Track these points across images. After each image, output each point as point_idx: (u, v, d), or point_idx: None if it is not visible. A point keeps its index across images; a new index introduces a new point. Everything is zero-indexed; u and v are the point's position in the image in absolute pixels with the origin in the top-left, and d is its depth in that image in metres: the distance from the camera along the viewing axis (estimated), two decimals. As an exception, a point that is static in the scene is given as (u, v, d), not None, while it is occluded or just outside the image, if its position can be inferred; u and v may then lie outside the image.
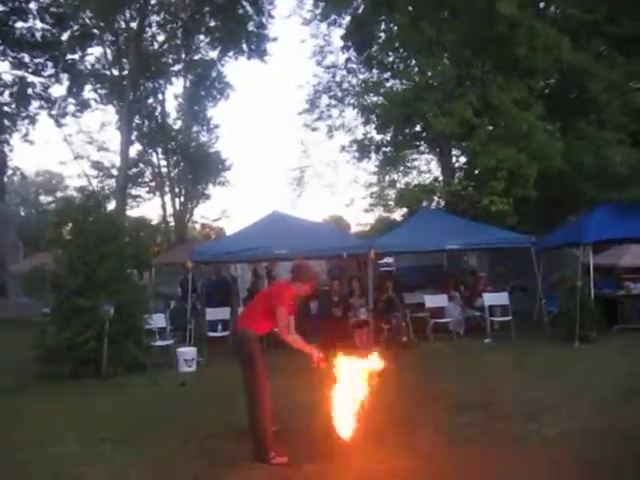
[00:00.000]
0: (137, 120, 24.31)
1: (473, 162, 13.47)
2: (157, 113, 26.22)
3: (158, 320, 9.43)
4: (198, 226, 35.52)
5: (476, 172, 14.09)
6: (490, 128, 13.19)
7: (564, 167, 12.38)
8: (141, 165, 26.58)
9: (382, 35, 15.94)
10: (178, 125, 26.85)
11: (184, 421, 5.49)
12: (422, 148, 17.32)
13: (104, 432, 5.22)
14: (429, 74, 13.64)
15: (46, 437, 5.18)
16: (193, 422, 5.41)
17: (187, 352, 8.41)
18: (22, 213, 43.84)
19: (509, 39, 12.11)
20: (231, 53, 24.49)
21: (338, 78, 16.48)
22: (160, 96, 26.08)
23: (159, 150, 26.31)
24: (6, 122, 22.37)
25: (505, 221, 12.01)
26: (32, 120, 22.86)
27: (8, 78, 21.76)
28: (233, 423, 4.98)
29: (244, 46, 23.54)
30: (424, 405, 5.65)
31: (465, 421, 5.04)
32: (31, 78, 22.12)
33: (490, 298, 10.16)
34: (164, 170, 26.67)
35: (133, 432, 5.24)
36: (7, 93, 21.99)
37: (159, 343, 9.06)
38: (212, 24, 23.68)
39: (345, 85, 16.29)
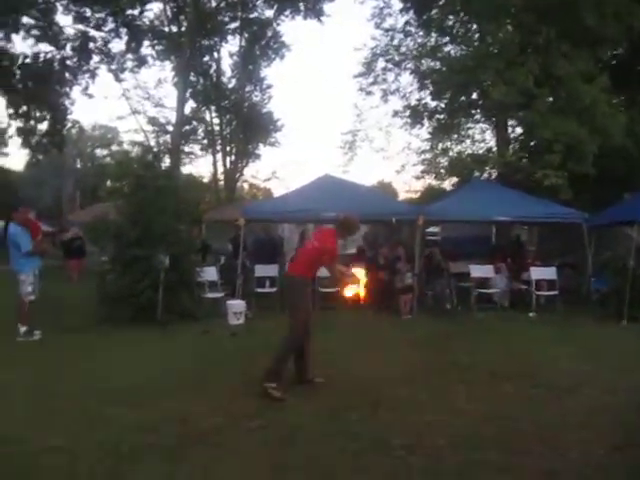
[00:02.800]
0: (192, 78, 24.57)
1: (530, 133, 13.13)
2: (212, 71, 26.41)
3: (209, 273, 9.82)
4: (246, 186, 36.01)
5: (532, 144, 13.76)
6: (550, 99, 12.78)
7: (625, 142, 11.95)
8: (194, 123, 26.98)
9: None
10: (232, 84, 27.03)
11: (235, 367, 5.84)
12: (477, 117, 16.93)
13: (162, 371, 5.63)
14: (490, 40, 13.27)
15: (112, 372, 5.62)
16: (243, 369, 5.74)
17: (236, 305, 8.75)
18: (78, 165, 45.30)
19: (577, 5, 11.59)
20: (287, 12, 24.28)
21: (396, 42, 16.15)
22: (215, 54, 26.24)
23: (212, 108, 26.62)
24: (67, 75, 22.97)
25: (558, 195, 11.76)
26: (92, 74, 23.38)
27: (70, 32, 22.26)
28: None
29: (301, 4, 23.31)
30: (465, 371, 5.78)
31: (508, 390, 5.15)
32: (92, 32, 22.58)
33: (537, 272, 10.10)
34: (217, 128, 27.01)
35: (188, 373, 5.63)
36: (69, 47, 22.54)
37: (210, 295, 9.45)
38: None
39: (403, 49, 15.96)
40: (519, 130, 15.90)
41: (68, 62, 22.67)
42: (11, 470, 3.36)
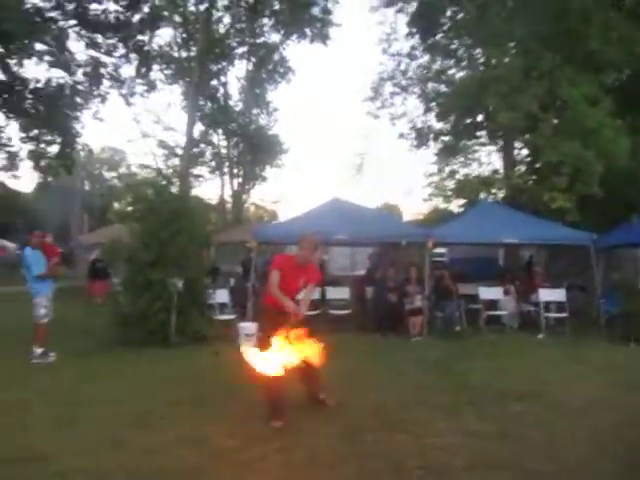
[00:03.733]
0: (200, 101, 24.99)
1: (536, 156, 13.29)
2: (219, 95, 26.86)
3: (220, 296, 9.92)
4: (252, 208, 36.27)
5: (538, 166, 13.91)
6: (553, 121, 12.95)
7: (631, 164, 12.07)
8: (202, 145, 27.36)
9: (448, 22, 15.83)
10: (239, 107, 27.44)
11: (249, 389, 5.87)
12: (483, 140, 17.15)
13: (176, 393, 5.70)
14: (494, 65, 13.50)
15: (126, 394, 5.70)
16: (257, 391, 5.78)
17: (248, 327, 8.79)
18: (87, 187, 45.74)
19: (582, 32, 11.83)
20: (294, 37, 24.78)
21: (403, 66, 16.48)
22: (223, 78, 26.72)
23: (220, 131, 27.00)
24: (78, 100, 23.38)
25: (565, 217, 11.86)
26: (103, 99, 23.78)
27: (82, 58, 22.73)
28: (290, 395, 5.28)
29: (307, 30, 23.80)
30: (476, 392, 5.82)
31: (519, 410, 5.21)
32: (103, 58, 23.04)
33: (546, 294, 10.15)
34: (224, 151, 27.36)
35: (201, 394, 5.70)
36: (80, 72, 22.98)
37: (222, 317, 9.54)
38: (277, 7, 24.01)
39: (409, 74, 16.27)
40: (525, 152, 16.11)
41: (79, 87, 23.11)
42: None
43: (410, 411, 5.13)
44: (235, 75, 32.90)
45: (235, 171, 27.63)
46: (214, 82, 26.45)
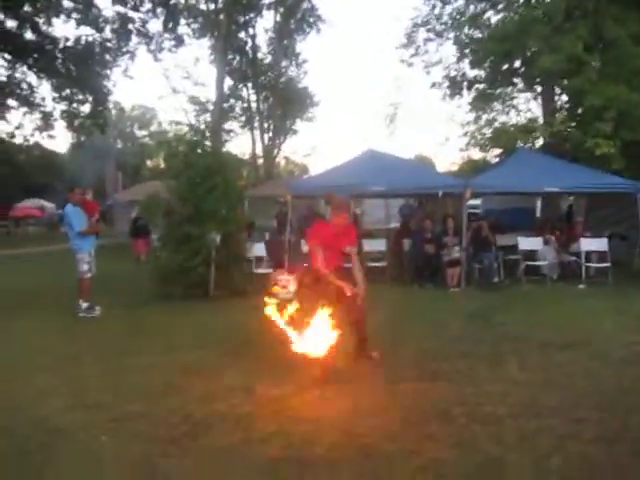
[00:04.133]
0: (229, 55, 24.67)
1: (579, 101, 12.75)
2: (248, 48, 26.45)
3: (257, 249, 10.01)
4: (283, 162, 36.21)
5: (580, 112, 13.37)
6: (597, 63, 12.34)
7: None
8: (232, 100, 27.17)
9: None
10: (268, 60, 27.03)
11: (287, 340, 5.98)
12: (520, 86, 16.51)
13: (221, 345, 5.84)
14: (534, 5, 12.85)
15: (171, 345, 5.87)
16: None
17: (284, 279, 8.89)
18: (119, 145, 46.21)
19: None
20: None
21: (437, 11, 15.82)
22: (251, 30, 26.24)
23: (249, 85, 26.72)
24: (108, 57, 23.34)
25: (610, 165, 11.44)
26: (132, 55, 23.71)
27: (110, 14, 22.56)
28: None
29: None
30: (518, 342, 5.79)
31: (564, 360, 5.17)
32: (130, 13, 22.81)
33: (587, 243, 9.93)
34: (254, 105, 27.14)
35: (245, 346, 5.82)
36: (109, 29, 22.86)
37: (260, 271, 9.66)
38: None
39: (445, 18, 15.62)
40: (565, 98, 15.49)
41: (108, 44, 23.03)
42: (98, 434, 3.60)
43: (451, 361, 5.14)
44: (263, 27, 32.20)
45: (266, 125, 27.46)
46: (242, 35, 26.03)
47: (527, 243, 10.23)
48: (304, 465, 3.16)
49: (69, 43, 21.75)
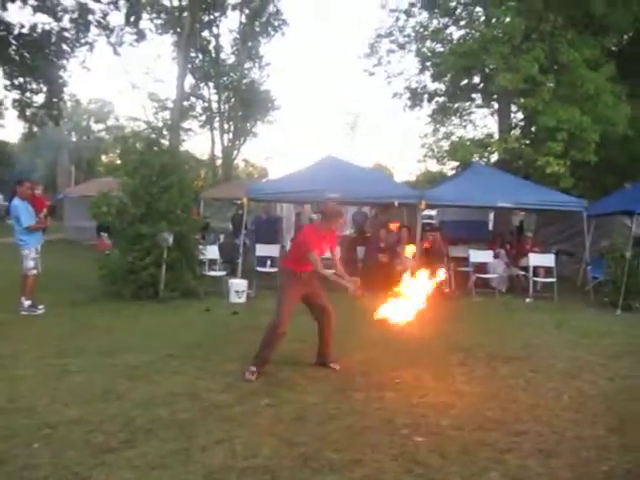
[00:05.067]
0: (191, 53, 24.34)
1: (533, 120, 13.15)
2: (211, 47, 26.19)
3: (211, 252, 9.87)
4: (242, 164, 35.93)
5: (533, 130, 13.80)
6: (552, 85, 12.76)
7: (628, 132, 12.01)
8: (193, 99, 26.82)
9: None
10: (231, 60, 26.82)
11: (239, 345, 5.91)
12: (479, 102, 16.93)
13: (168, 347, 5.71)
14: (494, 24, 13.18)
15: (118, 347, 5.69)
16: (247, 347, 5.81)
17: (238, 284, 8.82)
18: (74, 139, 44.91)
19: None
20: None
21: (400, 23, 16.06)
22: (215, 30, 25.99)
23: (211, 84, 26.43)
24: (65, 47, 22.64)
25: (559, 183, 11.84)
26: (90, 47, 23.05)
27: (69, 3, 21.93)
28: (283, 353, 5.28)
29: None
30: (465, 354, 5.90)
31: (508, 372, 5.29)
32: (91, 4, 22.21)
33: (536, 258, 10.23)
34: (215, 105, 26.86)
35: (194, 349, 5.73)
36: (67, 18, 22.18)
37: (212, 273, 9.52)
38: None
39: (408, 31, 15.87)
40: (520, 116, 15.97)
41: (66, 34, 22.34)
42: (30, 441, 3.43)
43: (398, 371, 5.17)
44: (228, 27, 31.96)
45: (226, 126, 27.21)
46: (206, 34, 25.75)
47: (478, 256, 10.46)
48: (244, 475, 3.11)
49: (24, 30, 20.99)
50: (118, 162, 10.56)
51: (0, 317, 6.93)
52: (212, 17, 25.24)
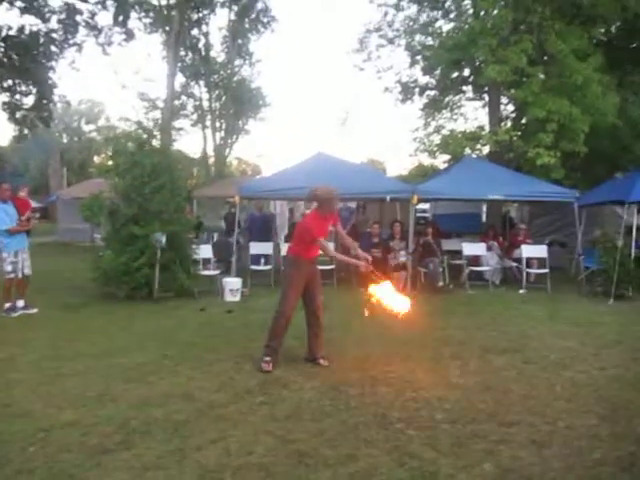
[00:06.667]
0: (181, 52, 24.24)
1: (522, 112, 13.18)
2: (201, 45, 26.07)
3: (204, 251, 9.87)
4: (235, 162, 35.83)
5: (524, 122, 13.83)
6: (542, 77, 12.78)
7: (617, 122, 12.06)
8: (183, 97, 26.72)
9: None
10: (221, 58, 26.73)
11: (234, 344, 5.94)
12: (469, 94, 16.95)
13: (162, 348, 5.73)
14: (482, 17, 13.18)
15: (113, 349, 5.71)
16: (242, 345, 5.85)
17: (233, 282, 8.83)
18: (65, 140, 44.67)
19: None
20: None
21: (389, 17, 16.02)
22: (204, 28, 25.86)
23: (201, 83, 26.34)
24: (54, 49, 22.49)
25: (550, 174, 11.88)
26: (79, 48, 22.90)
27: (56, 4, 21.77)
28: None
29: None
30: (459, 348, 5.93)
31: (501, 364, 5.33)
32: (78, 5, 22.05)
33: (528, 250, 10.27)
34: (206, 104, 26.78)
35: (188, 349, 5.75)
36: (55, 19, 22.02)
37: (206, 273, 9.52)
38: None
39: (396, 25, 15.84)
40: (511, 107, 16.00)
41: (54, 35, 22.18)
42: (25, 444, 3.44)
43: (393, 365, 5.21)
44: (217, 25, 31.82)
45: (217, 124, 27.14)
46: (195, 32, 25.61)
47: (471, 249, 10.51)
48: (239, 472, 3.13)
49: (12, 32, 20.84)
50: (109, 163, 10.49)
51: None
52: (201, 15, 25.08)
